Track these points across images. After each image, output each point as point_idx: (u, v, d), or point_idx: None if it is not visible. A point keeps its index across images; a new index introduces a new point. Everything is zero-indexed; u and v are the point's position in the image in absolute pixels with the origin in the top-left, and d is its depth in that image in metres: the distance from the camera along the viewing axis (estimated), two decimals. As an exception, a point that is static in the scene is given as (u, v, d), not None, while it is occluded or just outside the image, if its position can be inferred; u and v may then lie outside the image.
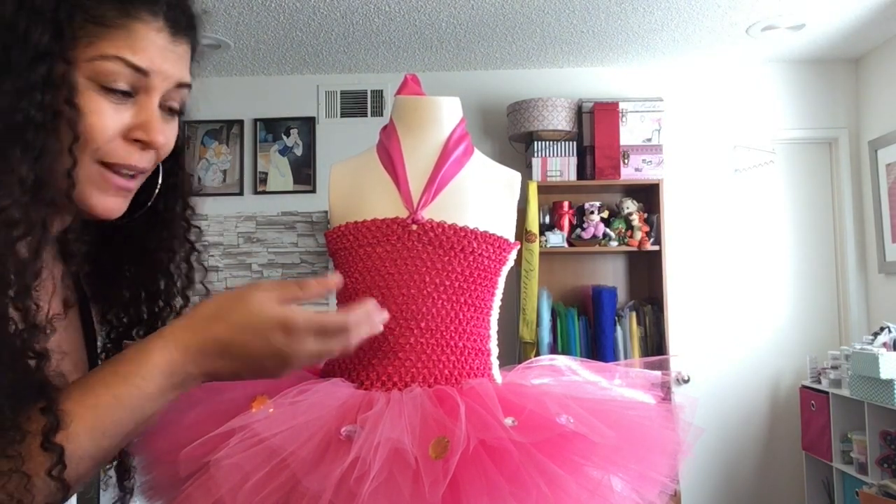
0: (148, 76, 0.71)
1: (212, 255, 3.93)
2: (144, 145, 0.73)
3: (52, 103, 0.65)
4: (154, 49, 0.71)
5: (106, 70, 0.69)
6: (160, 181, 0.83)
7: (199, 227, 0.89)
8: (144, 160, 0.74)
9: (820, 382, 3.51)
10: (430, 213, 0.99)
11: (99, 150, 0.70)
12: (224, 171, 3.97)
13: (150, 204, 0.82)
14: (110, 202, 0.73)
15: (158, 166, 0.81)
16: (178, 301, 0.89)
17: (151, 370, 0.67)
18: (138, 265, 0.86)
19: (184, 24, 0.75)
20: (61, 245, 0.76)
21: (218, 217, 3.93)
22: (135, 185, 0.75)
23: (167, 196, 0.84)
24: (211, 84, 3.98)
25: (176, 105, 0.77)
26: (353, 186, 1.06)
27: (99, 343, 0.87)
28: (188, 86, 0.78)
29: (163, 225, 0.85)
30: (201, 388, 0.75)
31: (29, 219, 0.64)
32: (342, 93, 3.98)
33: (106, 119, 0.69)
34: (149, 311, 0.88)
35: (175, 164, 0.85)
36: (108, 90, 0.69)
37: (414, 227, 0.98)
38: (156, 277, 0.87)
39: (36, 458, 0.61)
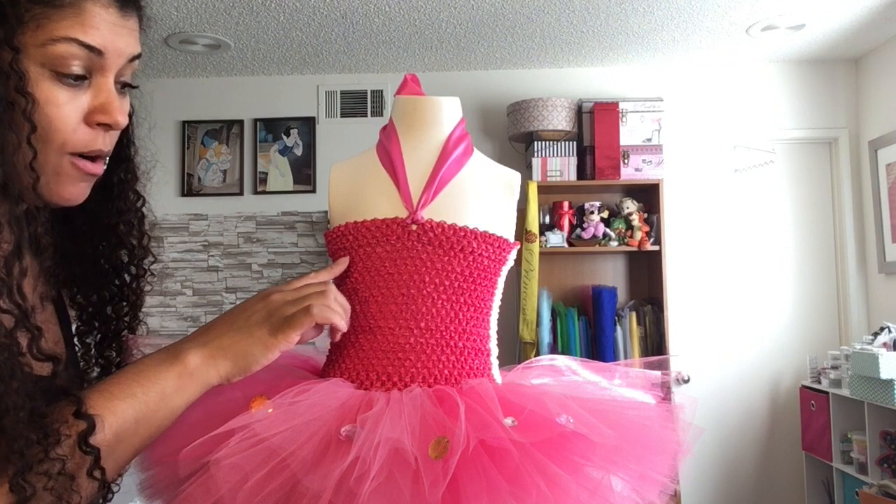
0: (102, 55, 0.69)
1: (212, 255, 3.93)
2: (107, 127, 0.71)
3: (2, 95, 0.63)
4: (105, 26, 0.69)
5: (58, 54, 0.66)
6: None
7: (143, 197, 0.88)
8: (108, 142, 0.73)
9: (820, 382, 3.51)
10: (429, 213, 0.99)
11: (66, 143, 0.68)
12: (224, 171, 3.97)
13: (103, 177, 0.80)
14: (78, 189, 0.72)
15: None
16: (140, 271, 0.89)
17: (169, 371, 0.73)
18: (101, 240, 0.86)
19: None
20: (32, 239, 0.75)
21: (218, 217, 3.93)
22: (102, 167, 0.74)
23: (119, 167, 0.83)
24: (211, 84, 3.98)
25: (129, 79, 0.75)
26: (352, 186, 1.06)
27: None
28: (140, 56, 0.76)
29: (120, 197, 0.84)
30: None
31: (6, 218, 0.63)
32: (342, 93, 3.98)
33: (64, 109, 0.67)
34: (117, 285, 0.88)
35: (124, 135, 0.83)
36: (63, 76, 0.67)
37: (414, 227, 0.98)
38: (118, 250, 0.86)
39: (76, 460, 0.63)
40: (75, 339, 0.86)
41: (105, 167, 0.75)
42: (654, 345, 3.52)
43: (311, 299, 0.82)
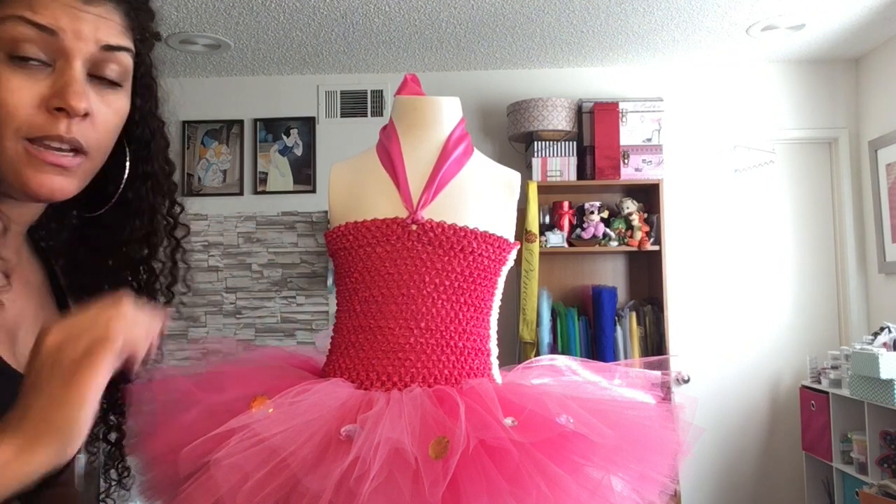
0: (56, 36, 0.66)
1: (212, 255, 3.93)
2: (65, 113, 0.66)
3: None
4: (58, 7, 0.66)
5: (8, 34, 0.64)
6: (127, 170, 0.79)
7: (186, 225, 0.86)
8: (74, 131, 0.67)
9: (820, 382, 3.51)
10: (429, 213, 0.99)
11: (20, 127, 0.66)
12: (224, 171, 3.97)
13: (118, 193, 0.79)
14: (48, 180, 0.67)
15: (125, 154, 0.77)
16: (161, 298, 0.86)
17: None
18: (114, 258, 0.83)
19: None
20: (33, 243, 0.72)
21: (218, 217, 3.92)
22: (73, 162, 0.68)
23: (138, 185, 0.81)
24: (211, 84, 3.98)
25: (112, 74, 0.70)
26: (353, 186, 1.06)
27: None
28: (123, 49, 0.71)
29: (135, 215, 0.82)
30: (201, 387, 0.75)
31: None
32: (342, 93, 3.98)
33: (19, 92, 0.65)
34: None
35: (147, 153, 0.81)
36: (20, 60, 0.65)
37: (414, 227, 0.98)
38: (132, 271, 0.84)
39: None
40: None
41: (80, 161, 0.69)
42: (654, 345, 3.52)
43: (100, 328, 0.58)
